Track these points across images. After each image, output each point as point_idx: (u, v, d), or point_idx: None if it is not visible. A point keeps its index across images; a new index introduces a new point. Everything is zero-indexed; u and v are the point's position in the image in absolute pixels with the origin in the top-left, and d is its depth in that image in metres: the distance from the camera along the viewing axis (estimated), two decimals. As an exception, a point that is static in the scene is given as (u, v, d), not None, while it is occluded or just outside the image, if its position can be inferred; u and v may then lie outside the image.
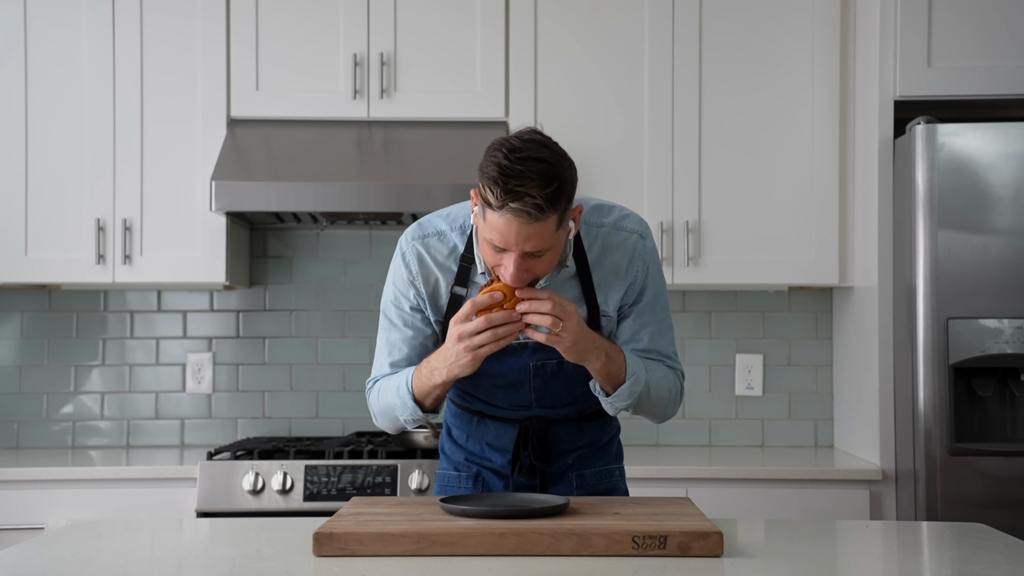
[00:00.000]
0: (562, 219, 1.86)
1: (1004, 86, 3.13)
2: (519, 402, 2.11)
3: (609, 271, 2.06)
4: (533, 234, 1.83)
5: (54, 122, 3.40)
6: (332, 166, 3.29)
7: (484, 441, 2.18)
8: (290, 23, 3.42)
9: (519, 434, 2.11)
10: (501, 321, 1.85)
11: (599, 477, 2.21)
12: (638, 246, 2.08)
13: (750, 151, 3.41)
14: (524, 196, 1.79)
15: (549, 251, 1.88)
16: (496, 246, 1.87)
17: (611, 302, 2.06)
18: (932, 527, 2.17)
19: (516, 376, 2.07)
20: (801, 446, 3.70)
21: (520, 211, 1.80)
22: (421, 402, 2.03)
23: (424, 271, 2.06)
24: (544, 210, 1.80)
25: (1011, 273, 2.95)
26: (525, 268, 1.87)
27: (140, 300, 3.72)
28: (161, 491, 3.14)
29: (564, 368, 2.06)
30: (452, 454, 2.24)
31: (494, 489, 2.18)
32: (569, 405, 2.14)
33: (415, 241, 2.08)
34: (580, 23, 3.43)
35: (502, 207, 1.80)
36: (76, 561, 1.80)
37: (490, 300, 1.86)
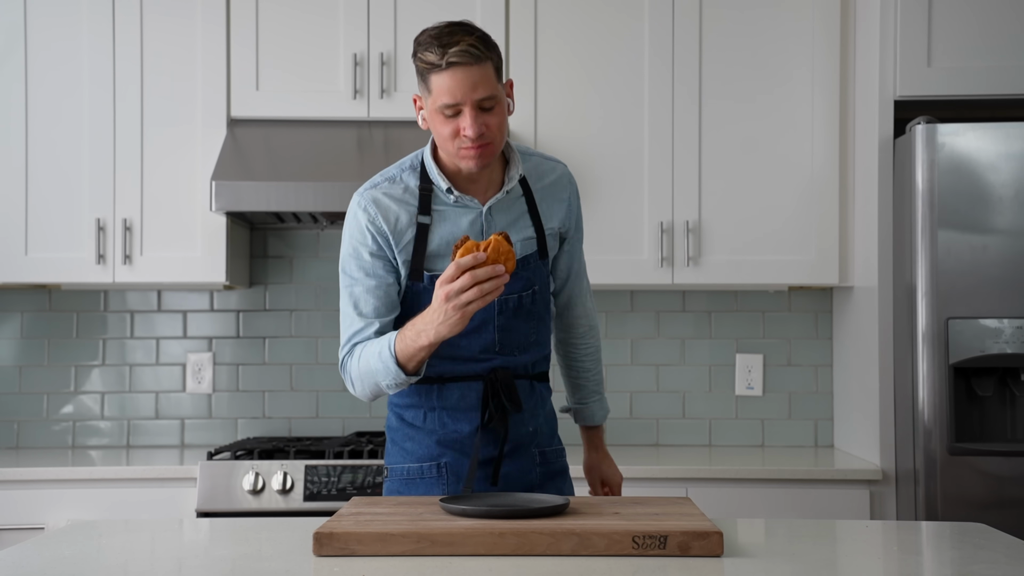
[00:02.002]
0: (499, 72, 2.06)
1: (1004, 86, 3.13)
2: (484, 346, 2.15)
3: (547, 192, 2.24)
4: (478, 80, 2.00)
5: (54, 122, 3.40)
6: (332, 166, 3.29)
7: (447, 409, 2.17)
8: (290, 23, 3.42)
9: (485, 387, 2.15)
10: (486, 276, 1.90)
11: (556, 456, 2.32)
12: (566, 172, 2.29)
13: (750, 151, 3.41)
14: (460, 42, 1.98)
15: (496, 106, 2.04)
16: (448, 109, 2.02)
17: (554, 219, 2.24)
18: (932, 527, 2.17)
19: (480, 317, 2.12)
20: (801, 446, 3.70)
21: (461, 54, 1.98)
22: (404, 366, 2.04)
23: (383, 211, 2.13)
24: (481, 51, 2.00)
25: (1011, 273, 2.95)
26: (482, 122, 2.02)
27: (140, 300, 3.73)
28: (161, 491, 3.14)
29: (523, 304, 2.18)
30: (408, 444, 2.22)
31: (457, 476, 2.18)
32: (526, 351, 2.21)
33: (367, 191, 2.16)
34: (580, 24, 3.43)
35: (443, 60, 1.98)
36: (76, 561, 1.80)
37: (473, 260, 1.90)
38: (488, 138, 2.05)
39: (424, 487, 2.20)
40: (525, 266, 2.18)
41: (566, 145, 3.41)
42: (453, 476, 2.18)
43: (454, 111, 2.03)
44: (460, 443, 2.18)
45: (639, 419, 3.71)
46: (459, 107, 2.02)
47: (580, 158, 3.40)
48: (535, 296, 2.20)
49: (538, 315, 2.22)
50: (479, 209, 2.15)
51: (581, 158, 3.41)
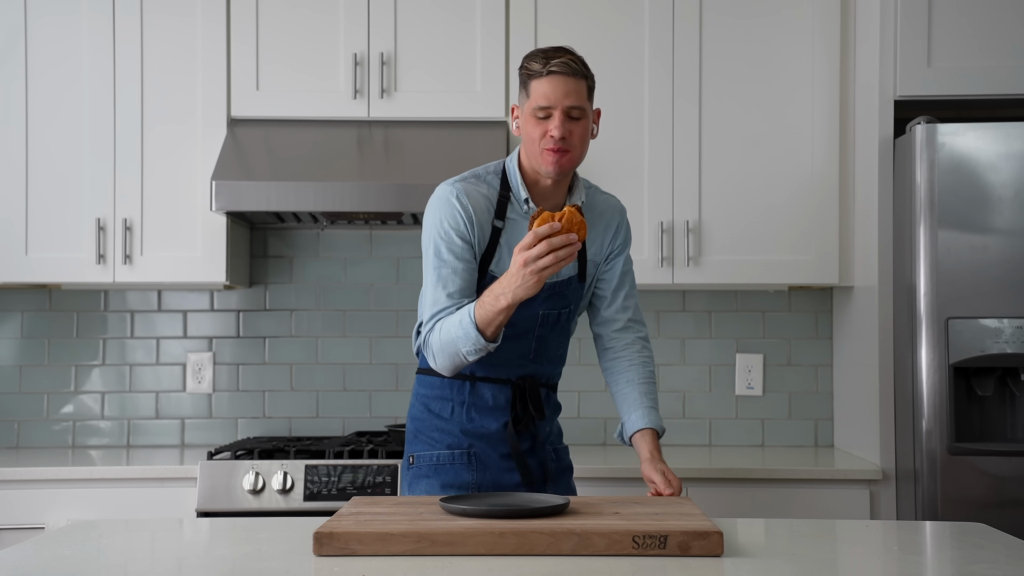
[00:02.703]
0: (590, 94, 2.28)
1: (1004, 86, 3.13)
2: (521, 352, 2.35)
3: (597, 220, 2.42)
4: (572, 90, 2.22)
5: (54, 122, 3.40)
6: (332, 166, 3.29)
7: (476, 406, 2.35)
8: (290, 23, 3.42)
9: (514, 392, 2.35)
10: (561, 244, 2.05)
11: (565, 453, 2.52)
12: (618, 205, 2.50)
13: (750, 151, 3.41)
14: (562, 56, 2.23)
15: (583, 119, 2.25)
16: (541, 111, 2.23)
17: (599, 247, 2.43)
18: (932, 527, 2.17)
19: (525, 325, 2.32)
20: (801, 446, 3.70)
21: (561, 64, 2.22)
22: (483, 331, 2.17)
23: (473, 202, 2.30)
24: (578, 68, 2.24)
25: (1011, 273, 2.95)
26: (568, 128, 2.23)
27: (140, 300, 3.73)
28: (161, 491, 3.14)
29: (560, 320, 2.38)
30: (436, 434, 2.37)
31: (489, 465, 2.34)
32: (555, 364, 2.45)
33: (458, 182, 2.33)
34: (580, 23, 3.43)
35: (545, 68, 2.22)
36: (76, 561, 1.80)
37: (549, 229, 2.04)
38: (569, 145, 2.25)
39: (453, 473, 2.35)
40: (568, 286, 2.37)
41: (566, 145, 3.41)
42: (481, 464, 2.35)
43: (546, 114, 2.24)
44: (487, 437, 2.36)
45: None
46: (551, 111, 2.23)
47: (580, 158, 3.40)
48: (571, 314, 2.42)
49: (568, 332, 2.45)
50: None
51: (581, 158, 3.40)
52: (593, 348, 3.69)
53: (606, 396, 3.69)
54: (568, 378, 3.73)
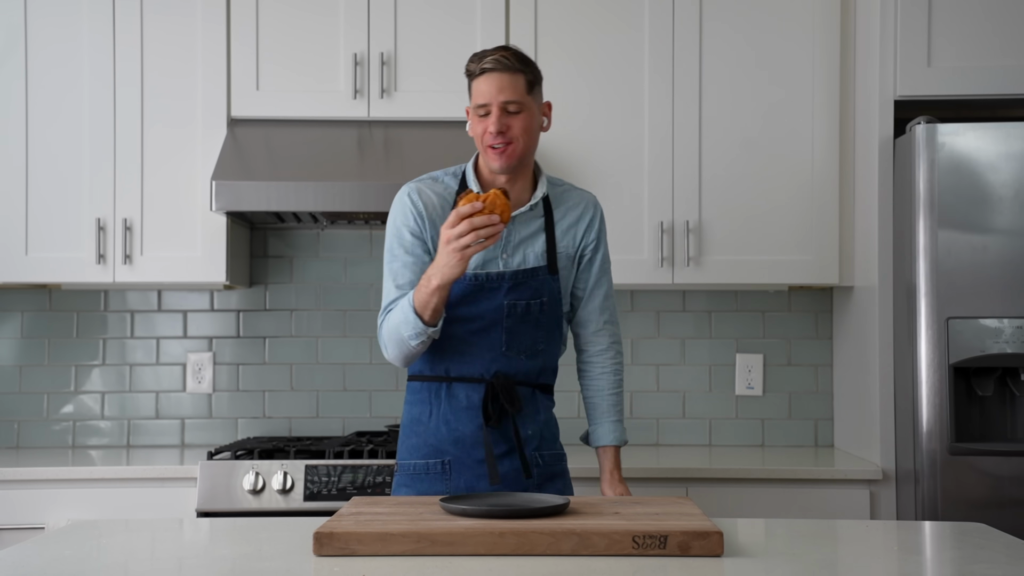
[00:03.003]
0: (531, 86, 2.33)
1: (1004, 86, 3.13)
2: (491, 345, 2.36)
3: (568, 214, 2.45)
4: (506, 85, 2.29)
5: (54, 122, 3.40)
6: (332, 166, 3.29)
7: (452, 407, 2.36)
8: (290, 23, 3.42)
9: (487, 390, 2.34)
10: (482, 224, 2.12)
11: (555, 460, 2.46)
12: (592, 200, 2.51)
13: (750, 151, 3.41)
14: (494, 53, 2.31)
15: (522, 112, 2.31)
16: (480, 109, 2.32)
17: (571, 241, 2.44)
18: (932, 527, 2.17)
19: (491, 317, 2.35)
20: (801, 446, 3.70)
21: (494, 62, 2.29)
22: (421, 314, 2.24)
23: (424, 199, 2.40)
24: (511, 63, 2.30)
25: (1011, 273, 2.95)
26: (504, 123, 2.30)
27: (140, 300, 3.73)
28: (161, 491, 3.14)
29: (531, 310, 2.37)
30: (415, 440, 2.41)
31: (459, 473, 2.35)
32: (532, 358, 2.40)
33: (413, 183, 2.44)
34: (580, 23, 3.43)
35: (479, 66, 2.30)
36: (76, 561, 1.80)
37: (471, 209, 2.11)
38: (509, 137, 2.31)
39: (428, 483, 2.37)
40: (534, 276, 2.38)
41: (566, 145, 3.41)
42: (456, 473, 2.36)
43: (485, 111, 2.32)
44: (462, 441, 2.35)
45: (639, 419, 3.71)
46: (488, 107, 2.31)
47: (580, 158, 3.41)
48: (543, 306, 2.39)
49: (547, 326, 2.41)
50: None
51: (581, 158, 3.41)
52: (593, 348, 3.70)
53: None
54: (568, 378, 3.72)
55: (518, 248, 2.39)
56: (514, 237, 2.39)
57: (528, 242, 2.40)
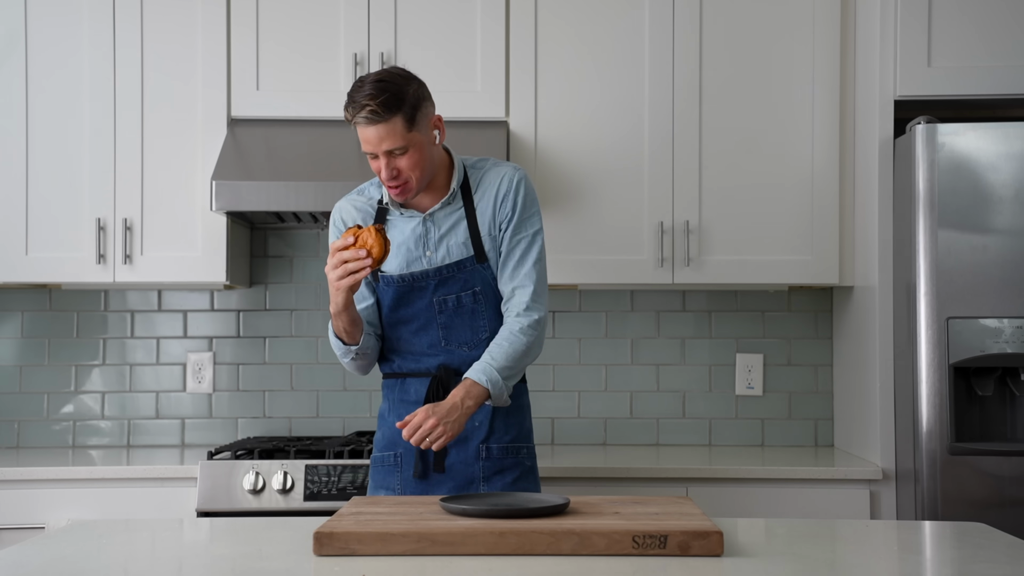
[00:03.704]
0: (411, 122, 2.31)
1: (1004, 86, 3.13)
2: (431, 342, 2.45)
3: (486, 194, 2.47)
4: (384, 135, 2.29)
5: (55, 122, 3.40)
6: (332, 166, 3.29)
7: (404, 402, 2.46)
8: (290, 23, 3.42)
9: (430, 384, 2.43)
10: (350, 258, 2.24)
11: (505, 453, 2.47)
12: (510, 173, 2.49)
13: (750, 151, 3.41)
14: (366, 106, 2.28)
15: (408, 151, 2.32)
16: (368, 154, 2.35)
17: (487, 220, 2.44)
18: (932, 527, 2.17)
19: (424, 315, 2.44)
20: (801, 446, 3.70)
21: (366, 118, 2.29)
22: (341, 337, 2.42)
23: (345, 218, 2.51)
24: (381, 114, 2.28)
25: (1011, 273, 2.95)
26: (394, 167, 2.33)
27: (140, 300, 3.73)
28: (161, 491, 3.14)
29: (462, 303, 2.44)
30: (377, 435, 2.55)
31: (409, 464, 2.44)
32: (475, 348, 2.45)
33: (340, 202, 2.55)
34: (581, 23, 3.43)
35: (354, 119, 2.31)
36: (76, 561, 1.80)
37: (343, 243, 2.26)
38: (403, 178, 2.35)
39: (385, 473, 2.49)
40: (460, 269, 2.44)
41: (566, 145, 3.41)
42: (407, 465, 2.46)
43: (372, 155, 2.35)
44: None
45: (639, 419, 3.71)
46: (374, 153, 2.34)
47: (580, 158, 3.41)
48: (476, 296, 2.45)
49: (485, 315, 2.46)
50: (420, 216, 2.45)
51: (581, 158, 3.41)
52: (592, 348, 3.71)
53: (606, 396, 3.69)
54: (568, 378, 3.73)
55: (440, 243, 2.44)
56: (434, 233, 2.44)
57: (449, 234, 2.44)
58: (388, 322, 2.48)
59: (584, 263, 3.38)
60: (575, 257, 3.38)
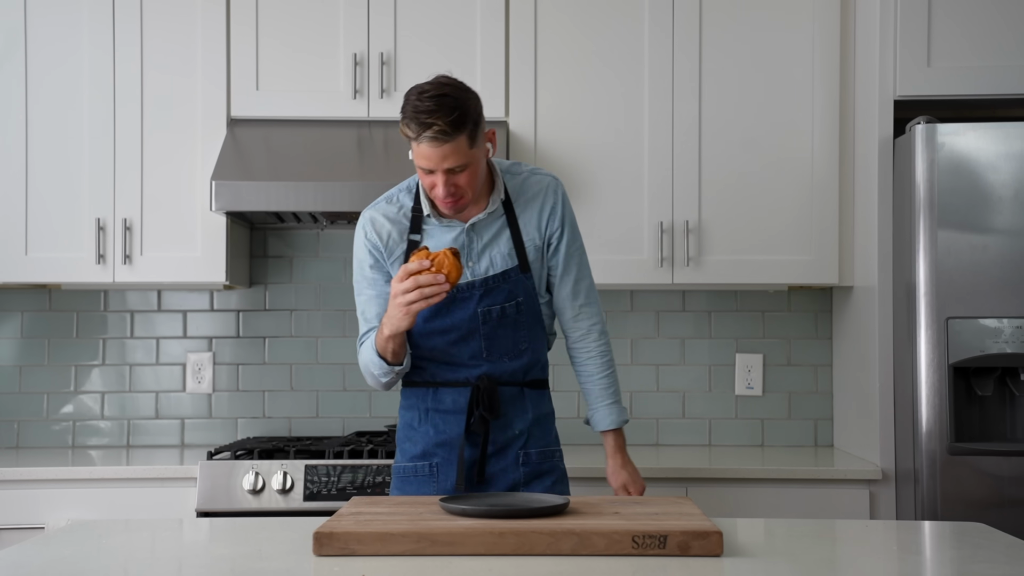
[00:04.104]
0: (473, 139, 2.25)
1: (1004, 86, 3.13)
2: (472, 352, 2.38)
3: (528, 205, 2.43)
4: (448, 153, 2.23)
5: (54, 121, 3.40)
6: (332, 166, 3.29)
7: (440, 412, 2.39)
8: (290, 23, 3.42)
9: (471, 394, 2.37)
10: (427, 283, 2.14)
11: (543, 457, 2.45)
12: (551, 183, 2.46)
13: (750, 151, 3.41)
14: (433, 125, 2.19)
15: (468, 167, 2.27)
16: (423, 169, 2.27)
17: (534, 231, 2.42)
18: (932, 527, 2.17)
19: (467, 327, 2.37)
20: (801, 446, 3.70)
21: (433, 138, 2.20)
22: (384, 356, 2.32)
23: (378, 229, 2.41)
24: (450, 133, 2.21)
25: (1011, 273, 2.95)
26: (452, 183, 2.27)
27: (140, 300, 3.73)
28: (161, 491, 3.14)
29: (506, 314, 2.38)
30: (407, 445, 2.45)
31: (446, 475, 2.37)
32: (516, 358, 2.41)
33: (367, 211, 2.46)
34: (580, 23, 3.43)
35: (419, 137, 2.22)
36: (76, 561, 1.80)
37: (419, 267, 2.15)
38: (459, 194, 2.30)
39: (417, 484, 2.40)
40: (505, 279, 2.39)
41: (566, 145, 3.41)
42: (443, 475, 2.39)
43: (428, 170, 2.27)
44: (450, 444, 2.38)
45: (639, 419, 3.71)
46: (432, 170, 2.26)
47: (580, 158, 3.41)
48: (519, 307, 2.40)
49: (526, 324, 2.42)
50: (462, 226, 2.38)
51: (581, 158, 3.41)
52: (593, 348, 3.70)
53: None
54: (568, 378, 3.72)
55: (483, 254, 2.39)
56: (476, 244, 2.38)
57: (492, 245, 2.39)
58: (422, 331, 2.37)
59: (584, 263, 3.38)
60: (575, 257, 3.37)
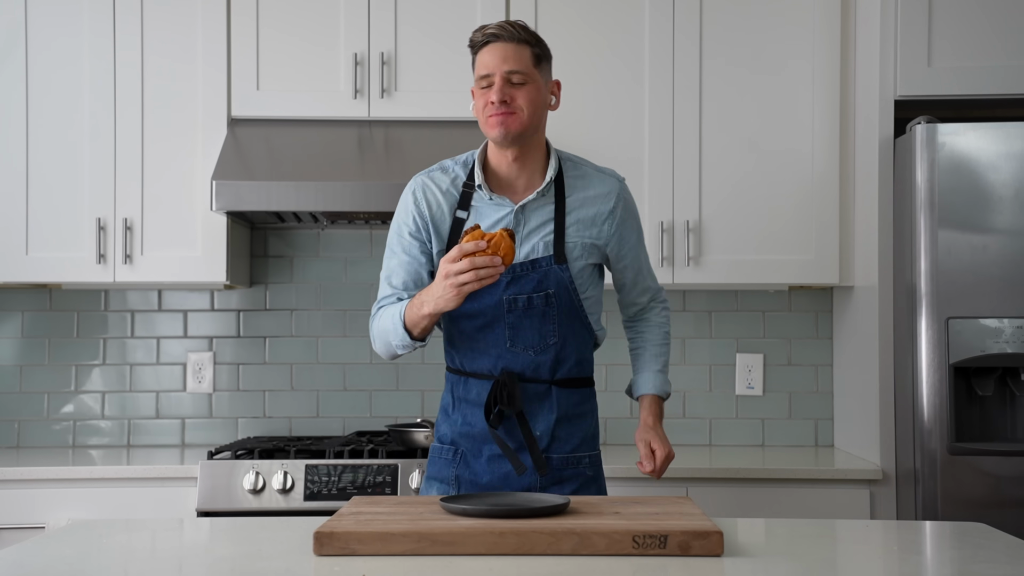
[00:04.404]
0: (538, 61, 2.27)
1: (1004, 85, 3.13)
2: (496, 340, 2.31)
3: (586, 202, 2.35)
4: (511, 55, 2.22)
5: (55, 121, 3.40)
6: (333, 165, 3.29)
7: (467, 402, 2.35)
8: (291, 23, 3.42)
9: (492, 387, 2.30)
10: (483, 264, 2.07)
11: (565, 463, 2.35)
12: (616, 186, 2.40)
13: (750, 151, 3.41)
14: (502, 24, 2.24)
15: (527, 85, 2.24)
16: (483, 80, 2.24)
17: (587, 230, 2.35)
18: (932, 527, 2.17)
19: (492, 313, 2.29)
20: (801, 446, 3.70)
21: (499, 33, 2.23)
22: (410, 330, 2.26)
23: (427, 197, 2.34)
24: (518, 35, 2.23)
25: (1011, 272, 2.95)
26: (508, 93, 2.22)
27: (141, 299, 3.73)
28: (161, 490, 3.14)
29: (533, 304, 2.30)
30: (443, 427, 2.42)
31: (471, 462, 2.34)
32: (542, 352, 2.32)
33: (421, 176, 2.38)
34: (580, 23, 3.43)
35: (485, 39, 2.24)
36: (76, 561, 1.80)
37: (475, 247, 2.07)
38: (513, 108, 2.23)
39: (441, 464, 2.38)
40: (535, 268, 2.30)
41: (565, 145, 3.40)
42: (463, 464, 2.35)
43: (488, 83, 2.24)
44: (472, 436, 2.34)
45: (639, 419, 3.70)
46: (491, 79, 2.24)
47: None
48: (549, 299, 2.30)
49: (555, 319, 2.32)
50: (511, 207, 2.31)
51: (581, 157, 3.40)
52: (593, 348, 3.70)
53: (606, 396, 3.68)
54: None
55: (528, 238, 2.30)
56: (523, 228, 2.30)
57: (538, 230, 2.31)
58: (451, 314, 2.30)
59: (584, 263, 3.38)
60: (575, 257, 3.37)
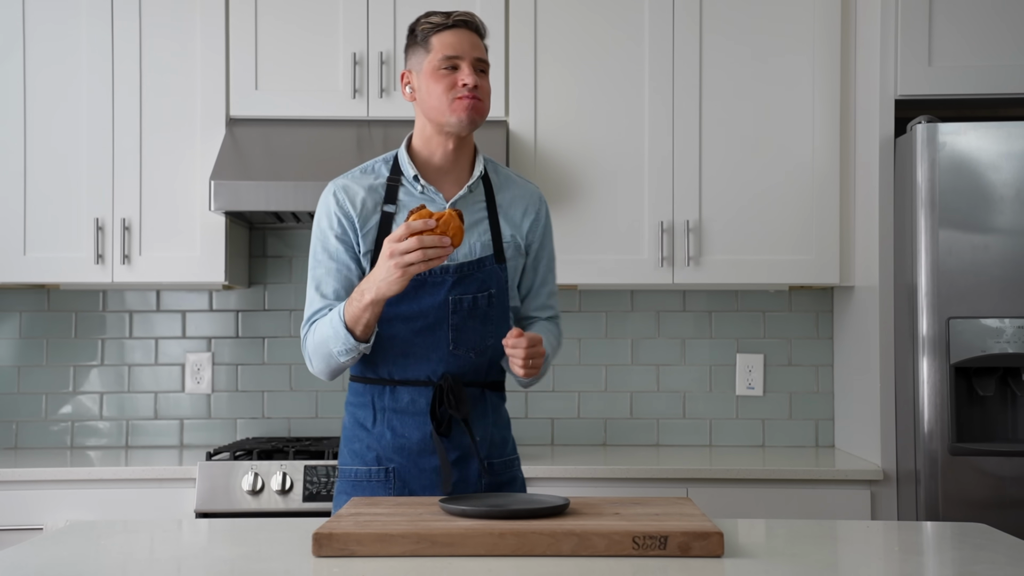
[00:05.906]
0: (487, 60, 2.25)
1: (1005, 85, 3.13)
2: (435, 345, 2.20)
3: (514, 202, 2.32)
4: (477, 43, 2.21)
5: (53, 121, 3.40)
6: (331, 165, 3.28)
7: (397, 412, 2.21)
8: (290, 22, 3.42)
9: (434, 393, 2.19)
10: (432, 243, 1.98)
11: (505, 467, 2.32)
12: (537, 192, 2.38)
13: (750, 151, 3.41)
14: (465, 13, 2.21)
15: (486, 76, 2.23)
16: (448, 62, 2.18)
17: (516, 229, 2.30)
18: (933, 527, 2.16)
19: (435, 315, 2.19)
20: (802, 446, 3.70)
21: (467, 15, 2.21)
22: (352, 330, 2.12)
23: (350, 196, 2.24)
24: (480, 28, 2.23)
25: (1012, 272, 2.94)
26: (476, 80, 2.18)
27: (139, 300, 3.72)
28: (160, 491, 3.14)
29: (478, 305, 2.22)
30: (357, 446, 2.26)
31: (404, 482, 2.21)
32: (481, 354, 2.23)
33: (338, 180, 2.29)
34: (580, 23, 3.42)
35: (450, 19, 2.19)
36: (75, 562, 1.80)
37: (423, 226, 1.98)
38: (480, 95, 2.19)
39: (371, 490, 2.23)
40: (480, 268, 2.23)
41: (566, 145, 3.40)
42: (400, 481, 2.23)
43: (452, 64, 2.19)
44: (407, 450, 2.22)
45: (639, 419, 3.70)
46: (458, 61, 2.18)
47: (580, 158, 3.40)
48: (491, 299, 2.24)
49: (495, 319, 2.25)
50: (443, 205, 2.24)
51: (581, 158, 3.40)
52: (591, 348, 3.70)
53: (606, 396, 3.69)
54: (568, 378, 3.73)
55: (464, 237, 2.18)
56: None
57: (473, 229, 2.24)
58: (384, 317, 2.16)
59: (584, 263, 3.38)
60: (575, 257, 3.37)
